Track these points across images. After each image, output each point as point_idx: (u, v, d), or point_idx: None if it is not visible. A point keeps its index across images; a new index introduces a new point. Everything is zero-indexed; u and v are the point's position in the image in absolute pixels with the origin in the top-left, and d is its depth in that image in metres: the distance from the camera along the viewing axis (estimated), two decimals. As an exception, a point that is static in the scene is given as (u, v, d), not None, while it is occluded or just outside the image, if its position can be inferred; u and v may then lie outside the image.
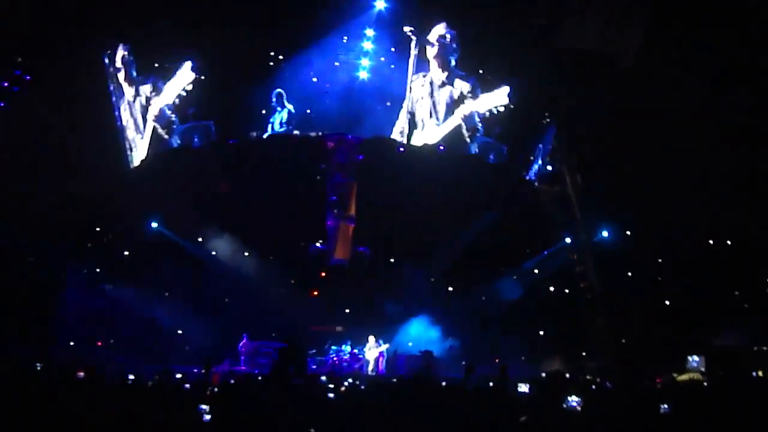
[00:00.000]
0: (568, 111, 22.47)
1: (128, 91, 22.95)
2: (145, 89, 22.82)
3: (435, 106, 22.77)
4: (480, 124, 22.56)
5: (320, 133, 23.32)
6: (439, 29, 22.32)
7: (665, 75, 20.55)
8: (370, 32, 23.20)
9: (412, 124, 22.81)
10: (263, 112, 23.41)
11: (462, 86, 22.62)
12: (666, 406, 9.07)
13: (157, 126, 22.63)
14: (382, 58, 23.49)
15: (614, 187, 22.48)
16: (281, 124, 22.97)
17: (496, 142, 23.05)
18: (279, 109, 23.09)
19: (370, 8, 22.86)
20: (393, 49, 23.12)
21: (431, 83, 22.79)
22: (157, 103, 22.63)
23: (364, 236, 23.50)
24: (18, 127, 21.47)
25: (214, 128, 22.57)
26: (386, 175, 22.86)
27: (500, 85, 22.27)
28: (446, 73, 22.62)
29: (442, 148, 22.46)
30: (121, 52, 22.62)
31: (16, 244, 21.57)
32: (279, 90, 23.11)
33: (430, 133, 22.73)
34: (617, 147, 21.93)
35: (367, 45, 23.35)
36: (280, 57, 23.22)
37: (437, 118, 22.70)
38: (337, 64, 23.45)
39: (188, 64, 21.84)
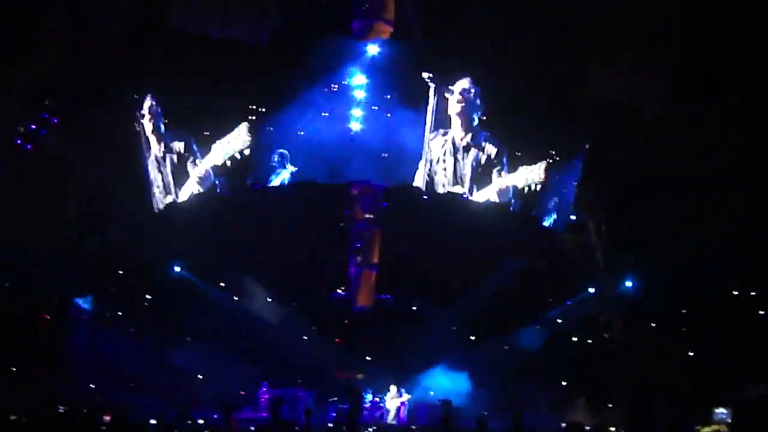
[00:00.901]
0: (594, 161, 22.04)
1: (155, 145, 21.74)
2: (179, 147, 21.43)
3: (458, 171, 21.26)
4: (513, 200, 21.22)
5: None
6: (463, 83, 20.87)
7: (695, 124, 20.37)
8: (361, 80, 21.38)
9: (431, 187, 21.39)
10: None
11: (489, 150, 21.06)
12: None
13: (201, 189, 21.34)
14: (375, 107, 21.52)
15: (639, 236, 22.29)
16: (282, 184, 21.92)
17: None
18: (280, 170, 21.59)
19: (361, 54, 21.28)
20: (389, 97, 21.35)
21: (453, 143, 21.20)
22: (203, 165, 21.23)
23: (386, 284, 23.44)
24: (43, 169, 21.67)
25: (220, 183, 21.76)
26: (409, 222, 22.72)
27: (537, 159, 20.92)
28: (470, 134, 21.12)
29: (465, 196, 21.77)
30: (148, 103, 21.95)
31: (35, 284, 21.77)
32: (283, 150, 21.40)
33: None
34: (643, 197, 21.81)
35: (359, 93, 21.45)
36: (262, 110, 21.31)
37: (462, 184, 21.29)
38: (325, 114, 21.41)
39: (245, 126, 20.65)
